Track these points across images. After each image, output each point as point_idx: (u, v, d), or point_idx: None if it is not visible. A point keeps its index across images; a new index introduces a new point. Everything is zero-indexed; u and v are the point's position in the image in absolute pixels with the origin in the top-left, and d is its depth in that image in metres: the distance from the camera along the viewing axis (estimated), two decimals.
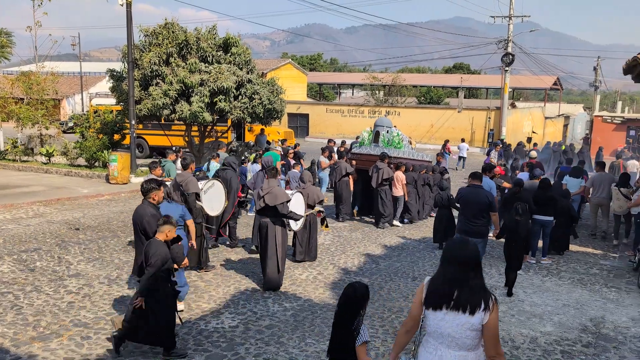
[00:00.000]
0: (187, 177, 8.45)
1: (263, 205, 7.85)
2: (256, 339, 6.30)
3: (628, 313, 7.59)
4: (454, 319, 3.39)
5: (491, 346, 3.42)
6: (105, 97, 28.32)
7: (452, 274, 3.44)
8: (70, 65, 61.69)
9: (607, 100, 77.02)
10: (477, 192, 8.26)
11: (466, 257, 3.46)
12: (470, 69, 69.60)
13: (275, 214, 7.87)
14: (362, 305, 4.04)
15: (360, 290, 4.04)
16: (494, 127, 34.84)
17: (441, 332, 3.44)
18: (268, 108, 18.41)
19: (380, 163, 12.35)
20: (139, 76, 17.89)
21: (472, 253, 3.50)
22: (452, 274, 3.44)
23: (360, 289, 4.04)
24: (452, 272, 3.45)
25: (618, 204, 11.42)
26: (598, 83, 45.42)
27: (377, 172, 12.24)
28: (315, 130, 40.47)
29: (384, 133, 13.56)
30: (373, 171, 12.35)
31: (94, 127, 19.50)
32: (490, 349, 3.43)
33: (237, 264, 9.30)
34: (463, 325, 3.37)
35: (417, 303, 3.59)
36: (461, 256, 3.47)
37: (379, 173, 12.23)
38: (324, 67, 75.72)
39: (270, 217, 7.89)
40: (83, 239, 10.53)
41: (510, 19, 32.41)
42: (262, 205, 7.86)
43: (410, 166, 13.25)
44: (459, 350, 3.43)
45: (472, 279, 3.43)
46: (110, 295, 7.53)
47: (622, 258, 10.60)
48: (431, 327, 3.49)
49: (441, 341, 3.46)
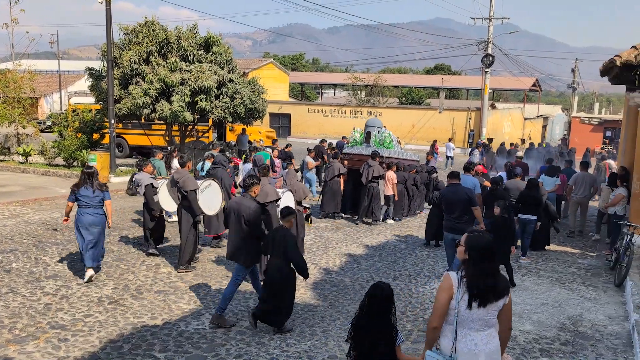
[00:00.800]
0: (184, 174, 8.61)
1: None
2: (237, 339, 6.26)
3: (605, 311, 7.71)
4: (490, 306, 3.65)
5: (508, 320, 3.81)
6: (84, 96, 27.98)
7: (490, 268, 3.66)
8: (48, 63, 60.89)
9: (585, 101, 78.24)
10: (456, 190, 8.54)
11: (494, 249, 3.72)
12: (451, 69, 70.15)
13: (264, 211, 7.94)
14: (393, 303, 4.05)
15: (386, 288, 4.04)
16: (475, 127, 35.18)
17: (472, 319, 3.65)
18: (249, 108, 18.35)
19: (372, 161, 12.63)
20: (119, 75, 17.70)
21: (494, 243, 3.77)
22: (489, 268, 3.66)
23: (387, 288, 4.05)
24: (489, 266, 3.67)
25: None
26: (576, 85, 46.06)
27: (368, 169, 12.53)
28: (297, 130, 40.44)
29: (375, 133, 13.93)
30: (364, 168, 12.64)
31: (73, 126, 19.22)
32: (508, 322, 3.81)
33: (218, 264, 9.24)
34: (493, 309, 3.66)
35: (445, 300, 3.68)
36: (492, 249, 3.71)
37: (369, 170, 12.51)
38: (306, 67, 75.64)
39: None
40: (61, 240, 10.37)
41: (490, 21, 32.77)
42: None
43: (402, 166, 13.58)
44: (486, 330, 3.70)
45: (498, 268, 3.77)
46: (88, 297, 7.43)
47: (600, 257, 10.77)
48: (462, 317, 3.65)
49: (470, 327, 3.66)
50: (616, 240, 10.10)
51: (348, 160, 13.70)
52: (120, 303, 7.26)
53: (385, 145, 13.99)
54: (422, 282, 8.80)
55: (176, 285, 8.08)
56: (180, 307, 7.23)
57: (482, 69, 33.61)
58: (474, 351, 3.64)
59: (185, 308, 7.19)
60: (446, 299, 3.67)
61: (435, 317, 3.71)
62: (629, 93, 10.96)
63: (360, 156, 13.48)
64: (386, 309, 3.99)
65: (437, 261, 10.01)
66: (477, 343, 3.65)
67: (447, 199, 8.59)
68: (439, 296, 3.71)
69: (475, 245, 3.68)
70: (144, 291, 7.76)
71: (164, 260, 9.27)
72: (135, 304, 7.26)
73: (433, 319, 3.74)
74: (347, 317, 7.07)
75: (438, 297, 3.72)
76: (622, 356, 6.22)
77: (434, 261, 10.02)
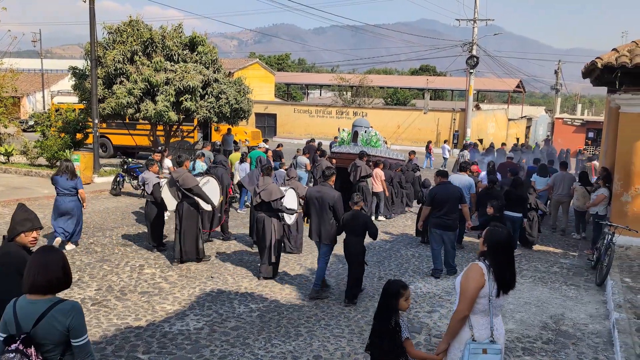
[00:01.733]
0: (182, 173, 8.95)
1: (259, 201, 8.50)
2: (221, 340, 6.25)
3: (586, 310, 7.81)
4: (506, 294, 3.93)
5: None
6: (67, 95, 27.69)
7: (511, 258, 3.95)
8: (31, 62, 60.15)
9: (568, 102, 79.10)
10: (447, 188, 9.05)
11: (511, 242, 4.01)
12: (436, 71, 70.55)
13: (270, 209, 8.50)
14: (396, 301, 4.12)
15: (393, 285, 4.15)
16: (459, 128, 35.41)
17: (495, 306, 3.89)
18: (235, 108, 18.29)
19: (359, 161, 12.88)
20: (103, 74, 17.55)
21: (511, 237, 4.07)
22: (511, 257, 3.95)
23: (393, 285, 4.15)
24: (510, 256, 3.95)
25: (583, 201, 11.92)
26: (559, 86, 46.60)
27: (356, 170, 12.83)
28: (283, 130, 40.40)
29: (362, 133, 14.27)
30: (352, 169, 12.91)
31: (56, 126, 19.01)
32: None
33: (202, 265, 9.20)
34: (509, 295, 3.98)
35: (476, 289, 3.81)
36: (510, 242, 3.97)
37: (357, 170, 12.81)
38: (291, 68, 75.62)
39: (265, 211, 8.52)
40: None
41: (475, 23, 33.00)
42: (259, 201, 8.51)
43: (388, 164, 13.93)
44: (500, 315, 4.02)
45: None
46: (70, 298, 7.34)
47: (581, 257, 10.91)
48: (484, 305, 3.84)
49: (494, 313, 3.91)
50: (597, 240, 10.25)
51: (336, 158, 14.05)
52: (104, 304, 7.20)
53: (372, 144, 14.30)
54: (407, 281, 8.81)
55: (160, 286, 8.04)
56: (164, 308, 7.19)
57: (467, 70, 33.84)
58: (496, 335, 3.91)
59: (169, 309, 7.15)
60: (477, 288, 3.80)
61: (467, 306, 3.83)
62: (610, 95, 11.13)
63: (348, 155, 13.84)
64: (388, 305, 4.10)
65: (422, 261, 10.06)
66: (497, 328, 3.93)
67: (439, 198, 8.86)
68: (469, 286, 3.81)
69: (501, 239, 3.91)
70: (128, 292, 7.71)
71: (148, 261, 9.21)
72: (118, 305, 7.21)
73: (464, 308, 3.83)
74: (332, 317, 7.09)
75: (468, 287, 3.81)
76: (602, 354, 6.31)
77: (418, 261, 10.08)
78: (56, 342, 3.15)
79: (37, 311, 3.10)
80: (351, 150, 13.90)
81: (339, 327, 6.77)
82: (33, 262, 3.20)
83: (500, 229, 3.99)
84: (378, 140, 14.54)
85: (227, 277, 8.58)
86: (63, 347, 3.20)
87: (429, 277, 9.05)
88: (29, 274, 3.16)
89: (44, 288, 3.15)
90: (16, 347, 3.03)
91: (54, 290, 3.20)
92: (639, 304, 7.40)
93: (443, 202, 8.80)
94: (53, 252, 3.29)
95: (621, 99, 10.30)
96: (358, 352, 6.08)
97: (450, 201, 8.82)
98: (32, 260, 3.22)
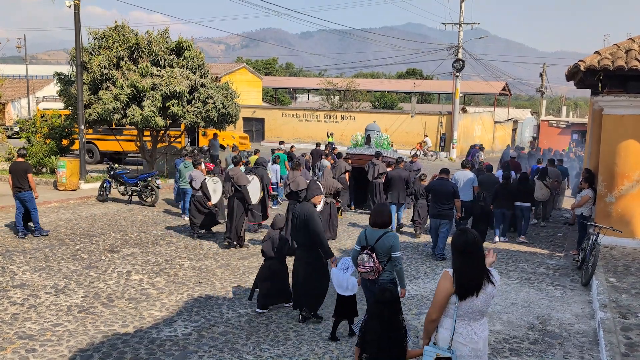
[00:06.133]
0: (237, 172, 10.65)
1: (289, 191, 10.56)
2: (210, 346, 6.23)
3: (572, 310, 7.89)
4: (482, 296, 3.91)
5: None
6: (52, 101, 27.47)
7: (479, 263, 3.90)
8: (15, 68, 59.60)
9: (553, 105, 79.83)
10: (444, 183, 10.61)
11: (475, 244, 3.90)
12: (422, 74, 70.89)
13: (298, 197, 10.18)
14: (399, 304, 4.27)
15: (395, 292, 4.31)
16: (446, 131, 35.60)
17: (472, 311, 3.93)
18: (222, 112, 18.25)
19: (376, 160, 14.22)
20: (88, 80, 17.43)
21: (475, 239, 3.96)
22: (479, 262, 3.90)
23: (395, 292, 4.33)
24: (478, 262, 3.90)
25: (541, 192, 13.67)
26: (544, 89, 46.99)
27: (373, 167, 14.07)
28: (271, 134, 40.37)
29: (375, 136, 16.33)
30: (369, 166, 14.19)
31: (41, 132, 18.86)
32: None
33: (190, 270, 9.17)
34: (488, 297, 3.95)
35: (444, 296, 3.92)
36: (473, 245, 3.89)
37: (374, 168, 14.04)
38: (279, 72, 75.56)
39: (295, 199, 10.35)
40: (29, 248, 10.17)
41: (461, 26, 33.23)
42: (289, 191, 10.59)
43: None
44: (482, 318, 4.03)
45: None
46: (57, 306, 7.30)
47: (567, 257, 11.02)
48: (463, 309, 3.92)
49: (470, 317, 3.95)
50: (583, 240, 10.36)
51: (352, 159, 15.42)
52: (91, 311, 7.15)
53: (384, 146, 16.07)
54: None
55: (148, 292, 8.00)
56: (152, 314, 7.15)
57: (453, 74, 34.06)
58: (474, 339, 3.96)
59: (157, 315, 7.12)
60: (445, 295, 3.92)
61: (435, 310, 3.98)
62: (593, 97, 11.27)
63: (362, 156, 15.46)
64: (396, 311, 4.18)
65: (410, 263, 10.10)
66: (476, 332, 3.97)
67: (435, 190, 10.63)
68: (438, 291, 3.97)
69: (465, 243, 3.91)
70: (115, 299, 7.66)
71: (135, 268, 9.17)
72: (106, 312, 7.16)
73: (432, 312, 4.00)
74: (320, 321, 7.09)
75: (437, 292, 3.97)
76: (588, 353, 6.37)
77: (406, 264, 10.11)
78: (385, 252, 5.62)
79: (376, 235, 5.67)
80: (365, 152, 15.64)
81: (328, 331, 6.77)
82: (373, 211, 5.86)
83: (461, 233, 3.98)
84: (389, 143, 16.43)
85: (215, 283, 8.56)
86: (388, 256, 5.63)
87: (416, 280, 9.10)
88: (372, 216, 5.82)
89: (378, 225, 5.74)
90: (367, 252, 5.61)
91: (385, 226, 5.74)
92: (623, 304, 7.50)
93: (437, 193, 10.52)
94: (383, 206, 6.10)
95: (604, 101, 10.44)
96: (347, 356, 6.09)
97: (442, 194, 10.39)
98: (372, 210, 5.91)
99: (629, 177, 10.40)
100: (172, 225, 12.64)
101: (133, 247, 10.46)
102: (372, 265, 5.56)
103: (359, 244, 5.71)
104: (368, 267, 5.58)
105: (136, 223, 12.80)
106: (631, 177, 10.38)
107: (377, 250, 5.59)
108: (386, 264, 5.63)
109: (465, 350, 3.94)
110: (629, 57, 9.81)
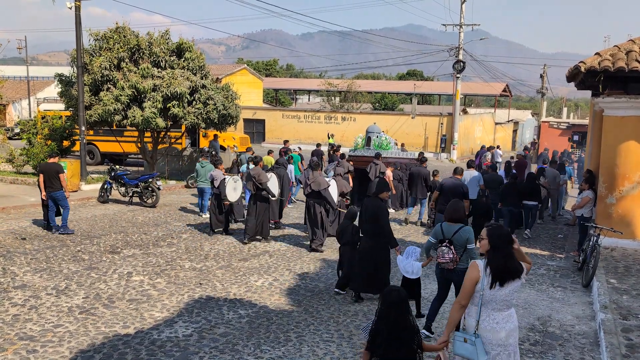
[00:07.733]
0: (258, 171, 11.17)
1: (310, 190, 10.87)
2: (210, 347, 6.23)
3: (573, 311, 7.89)
4: (508, 286, 4.21)
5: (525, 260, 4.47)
6: (53, 102, 27.50)
7: (510, 252, 4.25)
8: (16, 69, 59.73)
9: (554, 106, 79.89)
10: (455, 183, 11.03)
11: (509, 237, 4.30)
12: (423, 75, 70.99)
13: (319, 196, 10.80)
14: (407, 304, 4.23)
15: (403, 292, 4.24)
16: (447, 132, 35.61)
17: (496, 300, 4.22)
18: (223, 114, 18.27)
19: (377, 160, 14.81)
20: (89, 81, 17.46)
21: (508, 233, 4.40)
22: (510, 252, 4.25)
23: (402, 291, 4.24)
24: (509, 251, 4.25)
25: None
26: (545, 90, 46.98)
27: (375, 167, 14.62)
28: (272, 135, 40.40)
29: (374, 138, 16.65)
30: (371, 166, 14.68)
31: (42, 133, 18.87)
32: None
33: (190, 271, 9.18)
34: (513, 288, 4.24)
35: (472, 282, 4.29)
36: (510, 236, 4.32)
37: (376, 167, 14.57)
38: (280, 73, 75.65)
39: (315, 198, 10.83)
40: (30, 249, 10.18)
41: (461, 27, 33.27)
42: (310, 191, 10.89)
43: (398, 166, 15.93)
44: (507, 310, 4.30)
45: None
46: (58, 307, 7.30)
47: (568, 258, 11.02)
48: (487, 297, 4.23)
49: (493, 307, 4.25)
50: (583, 241, 10.36)
51: (353, 161, 15.81)
52: (92, 312, 7.16)
53: (384, 147, 16.41)
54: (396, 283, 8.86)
55: (149, 293, 8.00)
56: (152, 315, 7.16)
57: (454, 75, 34.09)
58: (496, 328, 4.25)
59: (157, 316, 7.12)
60: (473, 283, 4.28)
61: (464, 297, 4.35)
62: (593, 98, 11.28)
63: (363, 157, 15.92)
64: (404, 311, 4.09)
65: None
66: (498, 321, 4.25)
67: (446, 188, 11.02)
68: (466, 281, 4.34)
69: (499, 235, 4.29)
70: (116, 300, 7.67)
71: (136, 269, 9.17)
72: (106, 313, 7.17)
73: (462, 298, 4.36)
74: (321, 322, 7.10)
75: (465, 282, 4.34)
76: (589, 355, 6.37)
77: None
78: (462, 245, 6.11)
79: (453, 230, 6.17)
80: (365, 153, 16.18)
81: (328, 331, 6.78)
82: (448, 208, 6.35)
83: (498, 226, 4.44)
84: (389, 144, 16.76)
85: (215, 284, 8.57)
86: (464, 248, 6.11)
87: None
88: (447, 213, 6.32)
89: (454, 220, 6.23)
90: (446, 245, 6.09)
91: (460, 221, 6.25)
92: (624, 305, 7.50)
93: (447, 191, 10.88)
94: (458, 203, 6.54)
95: (604, 102, 10.44)
96: (347, 357, 6.10)
97: (453, 193, 10.64)
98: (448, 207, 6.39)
99: (629, 178, 10.40)
100: (172, 227, 12.66)
101: (134, 248, 10.47)
102: (452, 257, 6.10)
103: (435, 238, 6.32)
104: (448, 258, 6.12)
105: (137, 224, 12.81)
106: (632, 178, 10.39)
107: (454, 243, 6.12)
108: (462, 255, 6.14)
109: (487, 336, 4.26)
110: (630, 59, 9.82)
